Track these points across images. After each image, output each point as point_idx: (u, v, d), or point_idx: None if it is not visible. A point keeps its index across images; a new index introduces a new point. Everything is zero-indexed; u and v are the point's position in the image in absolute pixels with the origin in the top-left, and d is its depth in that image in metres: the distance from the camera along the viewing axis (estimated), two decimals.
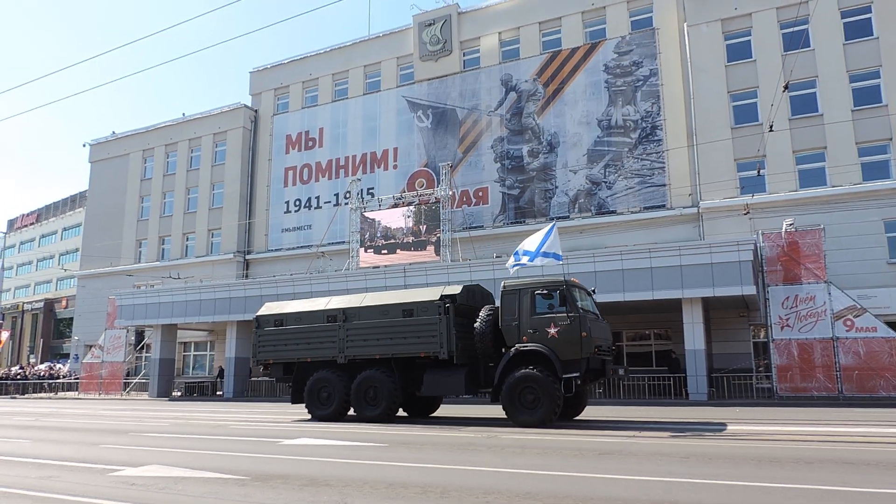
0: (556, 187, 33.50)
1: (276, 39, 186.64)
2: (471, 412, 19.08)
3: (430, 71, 37.96)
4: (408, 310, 15.81)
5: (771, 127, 21.64)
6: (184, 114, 47.30)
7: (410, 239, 34.36)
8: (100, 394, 37.07)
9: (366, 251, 35.46)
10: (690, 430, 12.91)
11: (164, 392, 35.09)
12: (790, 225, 23.27)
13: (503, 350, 14.89)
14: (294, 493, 7.01)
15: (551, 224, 17.95)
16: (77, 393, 38.60)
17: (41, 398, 37.34)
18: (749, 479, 7.32)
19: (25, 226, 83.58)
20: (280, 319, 17.69)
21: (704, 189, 29.38)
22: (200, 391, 35.32)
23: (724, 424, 13.92)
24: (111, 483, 7.96)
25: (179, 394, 35.76)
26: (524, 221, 33.80)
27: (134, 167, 48.20)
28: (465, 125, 36.34)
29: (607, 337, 15.50)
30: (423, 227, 34.12)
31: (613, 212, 31.93)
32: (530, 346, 14.25)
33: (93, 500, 6.84)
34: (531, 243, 17.12)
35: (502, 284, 15.32)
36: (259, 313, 18.40)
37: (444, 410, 19.14)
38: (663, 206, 30.91)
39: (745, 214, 26.54)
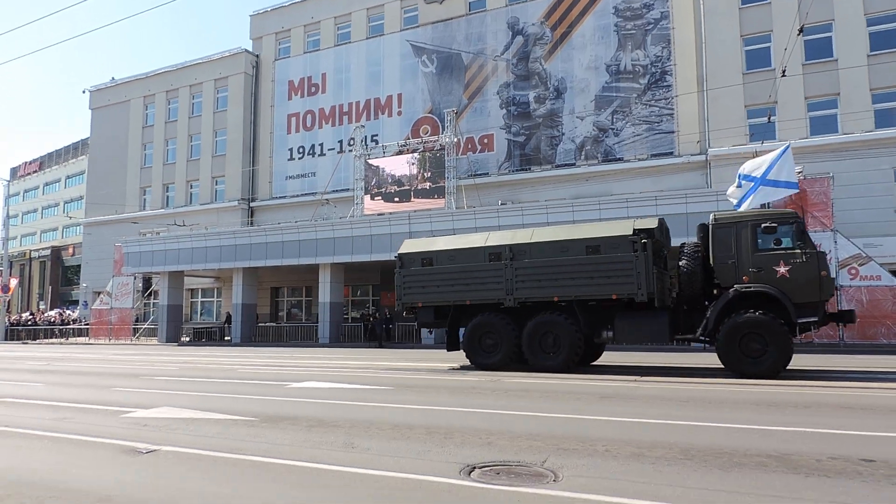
0: (563, 134, 33.09)
1: None
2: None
3: (435, 14, 37.05)
4: (593, 246, 14.11)
5: (784, 72, 21.18)
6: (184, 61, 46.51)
7: (415, 186, 34.17)
8: (110, 339, 37.69)
9: (371, 199, 35.34)
10: (693, 375, 13.07)
11: (173, 338, 35.64)
12: (799, 173, 23.00)
13: (713, 292, 13.50)
14: (302, 434, 7.17)
15: (785, 145, 16.37)
16: (87, 339, 39.26)
17: (52, 344, 38.00)
18: (748, 422, 7.45)
19: (29, 174, 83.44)
20: (428, 258, 16.13)
21: (713, 136, 28.97)
22: (208, 337, 35.86)
23: (719, 368, 14.10)
24: (124, 424, 8.15)
25: (188, 339, 36.33)
26: (530, 169, 33.54)
27: (135, 114, 47.74)
28: (470, 70, 35.66)
29: None
30: (428, 175, 33.90)
31: (620, 159, 31.60)
32: (754, 286, 12.63)
33: (107, 441, 7.01)
34: (755, 167, 15.49)
35: (711, 217, 13.62)
36: (401, 251, 16.80)
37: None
38: (671, 153, 30.57)
39: None
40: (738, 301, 12.77)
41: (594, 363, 16.03)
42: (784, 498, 4.47)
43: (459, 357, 16.47)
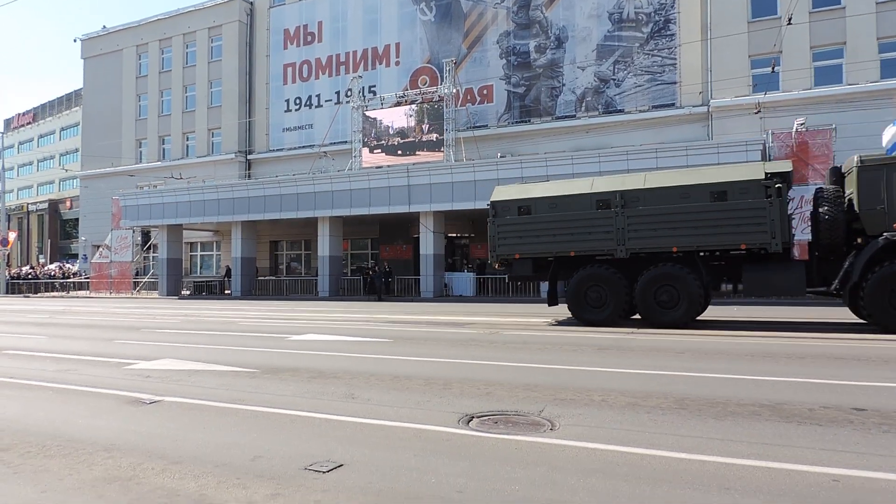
0: (563, 85, 32.58)
1: None
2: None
3: None
4: (718, 192, 12.90)
5: (790, 20, 20.76)
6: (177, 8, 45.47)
7: (419, 138, 33.81)
8: (110, 293, 37.89)
9: (370, 152, 35.02)
10: (688, 326, 13.19)
11: (174, 291, 35.83)
12: (801, 124, 22.80)
13: (856, 241, 12.52)
14: (303, 385, 7.28)
15: None
16: (88, 292, 39.47)
17: (53, 297, 38.22)
18: (742, 373, 7.55)
19: (22, 125, 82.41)
20: (526, 206, 14.94)
21: (716, 87, 28.55)
22: (209, 290, 36.06)
23: (722, 321, 14.22)
24: (127, 376, 8.26)
25: (188, 293, 36.53)
26: (529, 120, 33.16)
27: (128, 64, 46.88)
28: (469, 18, 34.88)
29: None
30: (426, 127, 33.51)
31: (621, 111, 31.20)
32: None
33: (110, 392, 7.12)
34: None
35: (856, 159, 12.31)
36: (494, 199, 15.63)
37: None
38: (673, 104, 30.17)
39: (756, 113, 25.96)
40: (888, 250, 11.79)
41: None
42: (776, 446, 4.57)
43: (477, 309, 16.44)
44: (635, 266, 13.76)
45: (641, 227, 13.58)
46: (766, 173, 12.67)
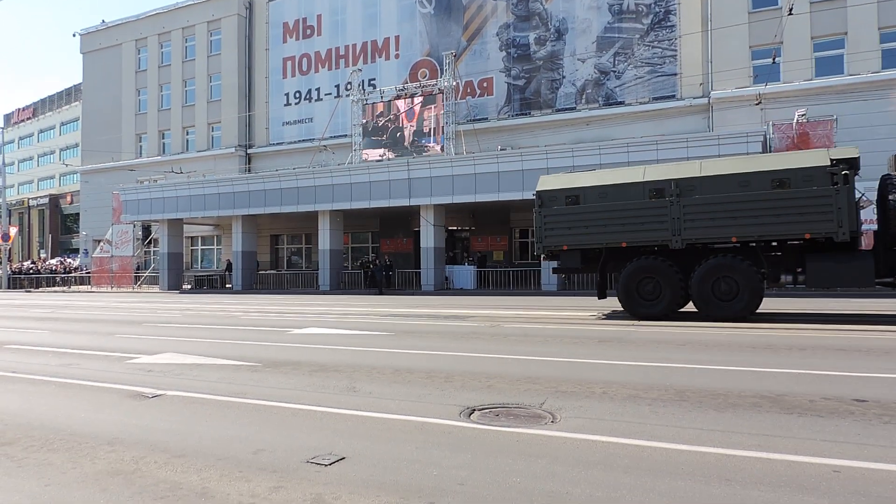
0: (564, 77, 32.49)
1: None
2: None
3: None
4: (781, 179, 12.39)
5: (791, 10, 20.67)
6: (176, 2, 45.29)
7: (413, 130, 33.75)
8: (112, 287, 37.94)
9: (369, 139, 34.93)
10: (689, 318, 13.20)
11: (175, 285, 35.87)
12: (802, 115, 22.75)
13: None
14: (304, 378, 7.29)
15: None
16: (89, 286, 39.52)
17: (54, 291, 38.28)
18: (744, 364, 7.56)
19: (22, 120, 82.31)
20: (574, 196, 14.42)
21: (716, 78, 28.47)
22: (210, 284, 36.09)
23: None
24: (129, 370, 8.27)
25: (189, 287, 36.57)
26: (529, 113, 33.08)
27: (128, 58, 46.78)
28: (469, 11, 34.74)
29: None
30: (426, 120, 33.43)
31: (621, 103, 31.12)
32: None
33: (112, 386, 7.13)
34: None
35: None
36: (541, 188, 15.13)
37: None
38: (673, 96, 30.09)
39: (757, 105, 25.90)
40: None
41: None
42: (777, 437, 4.58)
43: (474, 302, 16.51)
44: (690, 257, 13.40)
45: (698, 216, 13.13)
46: (832, 160, 12.21)
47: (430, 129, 33.20)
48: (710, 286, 12.88)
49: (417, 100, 33.54)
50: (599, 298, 15.42)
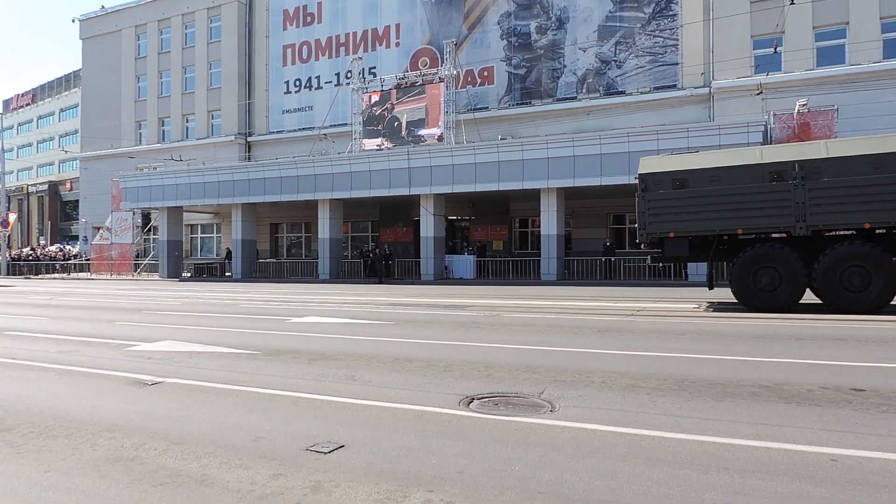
0: (564, 66, 32.33)
1: None
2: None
3: None
4: None
5: (792, 0, 20.52)
6: None
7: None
8: (111, 274, 37.94)
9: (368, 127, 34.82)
10: (688, 308, 13.22)
11: (174, 273, 35.87)
12: (803, 105, 22.66)
13: None
14: (304, 367, 7.30)
15: None
16: (89, 273, 39.53)
17: (54, 278, 38.29)
18: (741, 354, 7.58)
19: (21, 106, 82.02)
20: (682, 179, 13.46)
21: (718, 68, 28.34)
22: (209, 272, 36.10)
23: (722, 302, 14.25)
24: (129, 357, 8.29)
25: (189, 275, 36.58)
26: (530, 102, 32.96)
27: (127, 44, 46.54)
28: None
29: None
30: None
31: (622, 92, 31.00)
32: None
33: (112, 373, 7.15)
34: None
35: None
36: (644, 171, 14.08)
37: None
38: (674, 86, 29.96)
39: (758, 95, 25.79)
40: None
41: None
42: (775, 426, 4.59)
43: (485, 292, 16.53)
44: (811, 245, 12.60)
45: (826, 201, 12.19)
46: None
47: (427, 119, 33.07)
48: (839, 276, 12.01)
49: (417, 88, 33.38)
50: (710, 288, 14.71)
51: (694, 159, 14.12)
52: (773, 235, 13.02)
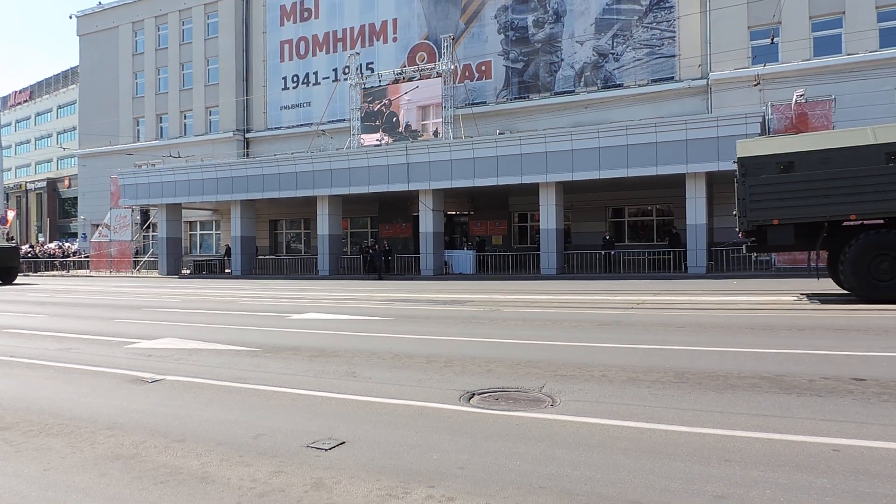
0: (562, 60, 32.25)
1: None
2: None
3: None
4: None
5: None
6: None
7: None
8: (110, 271, 37.90)
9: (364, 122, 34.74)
10: (689, 300, 13.21)
11: (174, 270, 35.84)
12: (801, 96, 22.62)
13: None
14: (304, 364, 7.30)
15: None
16: (88, 271, 39.48)
17: (53, 276, 38.25)
18: (742, 345, 7.56)
19: (19, 103, 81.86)
20: (787, 162, 12.73)
21: (715, 59, 28.26)
22: (209, 269, 36.07)
23: (722, 294, 14.24)
24: (128, 354, 8.28)
25: (188, 272, 36.55)
26: (528, 97, 32.88)
27: (124, 41, 46.41)
28: None
29: None
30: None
31: (620, 85, 30.93)
32: None
33: (112, 371, 7.14)
34: None
35: None
36: (743, 154, 13.29)
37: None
38: (672, 78, 29.89)
39: (756, 86, 25.74)
40: None
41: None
42: (776, 417, 4.59)
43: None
44: None
45: None
46: None
47: (424, 114, 32.99)
48: None
49: (414, 83, 33.30)
50: (819, 278, 13.82)
51: (799, 141, 13.43)
52: (878, 222, 12.30)
